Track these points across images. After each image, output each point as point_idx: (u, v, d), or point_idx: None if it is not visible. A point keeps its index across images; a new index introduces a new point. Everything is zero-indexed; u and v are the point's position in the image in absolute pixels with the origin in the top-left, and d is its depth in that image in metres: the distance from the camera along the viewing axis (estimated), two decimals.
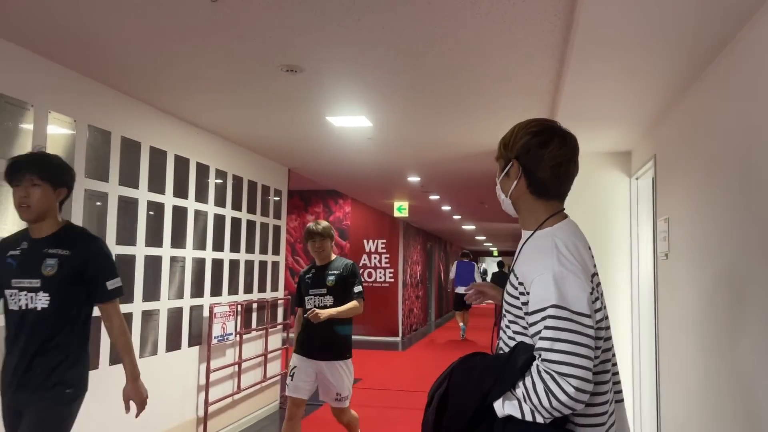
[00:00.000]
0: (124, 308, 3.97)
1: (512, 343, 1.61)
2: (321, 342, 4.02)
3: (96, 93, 3.75)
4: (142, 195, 4.19)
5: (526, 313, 1.54)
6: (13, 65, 3.14)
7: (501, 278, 17.43)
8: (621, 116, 3.87)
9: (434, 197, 9.67)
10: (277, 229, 6.52)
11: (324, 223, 4.15)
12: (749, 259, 2.36)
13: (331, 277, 4.06)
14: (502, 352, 1.66)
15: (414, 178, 7.72)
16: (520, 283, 1.58)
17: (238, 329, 5.43)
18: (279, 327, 6.50)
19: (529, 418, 1.48)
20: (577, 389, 1.43)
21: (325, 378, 4.06)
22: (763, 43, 2.21)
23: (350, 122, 4.63)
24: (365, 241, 12.44)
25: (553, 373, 1.45)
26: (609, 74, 3.01)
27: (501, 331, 1.71)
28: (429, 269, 17.50)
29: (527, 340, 1.58)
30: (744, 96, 2.41)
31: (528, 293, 1.54)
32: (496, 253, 25.48)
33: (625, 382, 4.90)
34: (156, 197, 4.35)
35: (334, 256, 4.19)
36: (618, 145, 4.82)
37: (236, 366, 5.47)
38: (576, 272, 1.53)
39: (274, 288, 6.42)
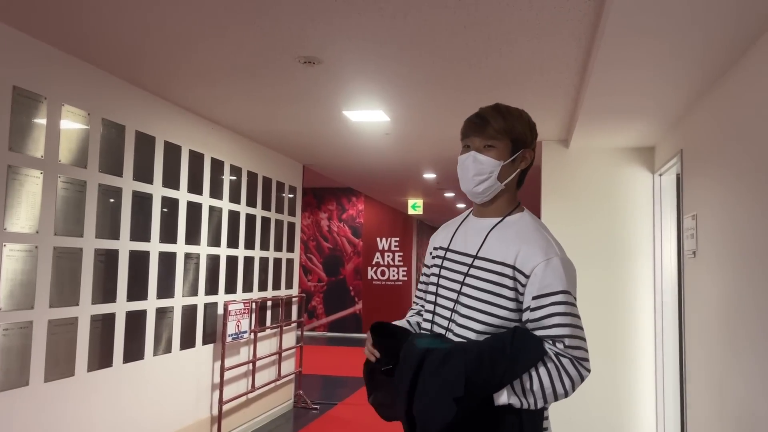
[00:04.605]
0: (137, 305, 3.93)
1: (481, 337, 1.56)
2: None
3: (110, 86, 3.69)
4: (157, 190, 4.13)
5: (535, 297, 1.51)
6: (27, 57, 3.08)
7: None
8: (647, 110, 3.76)
9: (449, 194, 9.58)
10: (291, 226, 6.45)
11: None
12: None
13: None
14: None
15: (430, 175, 7.63)
16: (513, 267, 1.55)
17: (253, 327, 5.37)
18: (293, 325, 6.44)
19: (530, 405, 1.49)
20: (588, 372, 1.51)
21: None
22: None
23: (368, 117, 4.55)
24: (378, 239, 12.36)
25: (572, 358, 1.49)
26: (638, 64, 2.90)
27: (458, 326, 1.62)
28: None
29: (508, 325, 1.56)
30: None
31: (527, 276, 1.52)
32: None
33: (648, 382, 4.79)
34: (170, 193, 4.29)
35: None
36: (641, 141, 4.71)
37: (250, 364, 5.40)
38: (569, 259, 1.57)
39: (289, 285, 6.36)
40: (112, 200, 3.69)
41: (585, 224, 4.98)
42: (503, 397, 1.49)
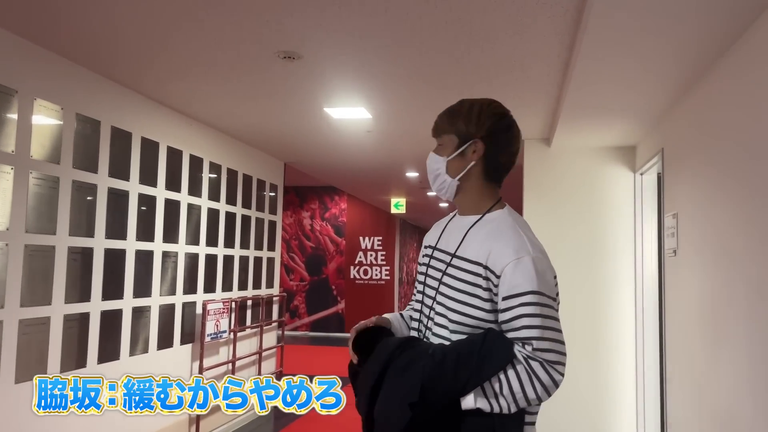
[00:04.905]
0: (113, 304, 3.85)
1: (455, 337, 1.54)
2: None
3: (85, 80, 3.60)
4: (133, 187, 4.05)
5: (505, 298, 1.47)
6: None
7: None
8: (629, 108, 3.75)
9: (432, 193, 9.55)
10: (272, 224, 6.38)
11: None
12: (763, 255, 2.25)
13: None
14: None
15: (412, 174, 7.60)
16: (485, 267, 1.51)
17: (232, 327, 5.30)
18: (274, 324, 6.37)
19: (502, 409, 1.45)
20: (562, 376, 1.46)
21: None
22: None
23: (349, 114, 4.50)
24: (361, 238, 12.31)
25: (542, 361, 1.44)
26: (621, 62, 2.89)
27: (435, 325, 1.61)
28: None
29: (483, 326, 1.52)
30: (759, 87, 2.29)
31: (498, 276, 1.49)
32: None
33: (628, 380, 4.79)
34: (147, 190, 4.21)
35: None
36: (623, 140, 4.71)
37: (230, 364, 5.33)
38: (546, 256, 1.53)
39: (270, 285, 6.29)
40: (87, 197, 3.61)
41: (566, 223, 4.97)
42: (469, 401, 1.45)
